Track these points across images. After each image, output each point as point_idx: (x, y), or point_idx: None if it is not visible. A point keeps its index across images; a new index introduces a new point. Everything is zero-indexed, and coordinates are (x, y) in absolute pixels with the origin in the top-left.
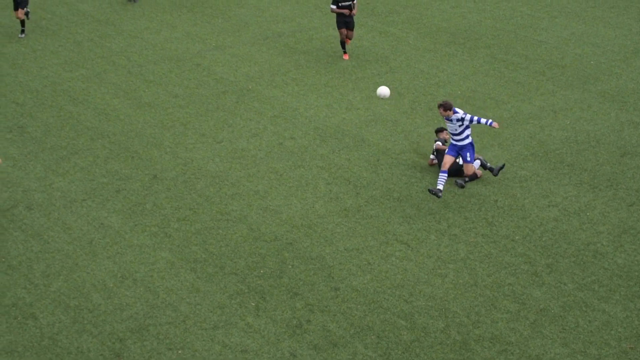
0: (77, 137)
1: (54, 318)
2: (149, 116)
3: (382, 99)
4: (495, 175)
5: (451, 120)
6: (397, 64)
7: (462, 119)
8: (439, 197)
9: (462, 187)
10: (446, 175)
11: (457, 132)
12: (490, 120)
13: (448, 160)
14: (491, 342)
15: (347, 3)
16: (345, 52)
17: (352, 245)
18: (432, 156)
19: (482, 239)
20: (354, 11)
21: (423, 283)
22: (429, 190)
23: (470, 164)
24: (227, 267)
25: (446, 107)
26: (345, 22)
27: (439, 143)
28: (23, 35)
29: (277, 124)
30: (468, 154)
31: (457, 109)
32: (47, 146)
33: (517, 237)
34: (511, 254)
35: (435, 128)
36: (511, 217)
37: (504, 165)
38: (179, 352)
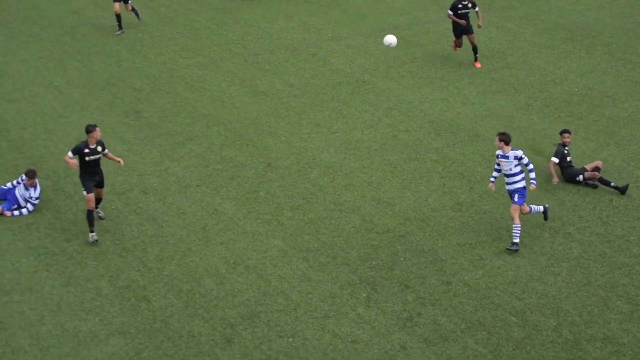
0: (193, 123)
1: (166, 301)
2: (265, 105)
3: (389, 45)
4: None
5: (507, 158)
6: (513, 59)
7: (521, 158)
8: (516, 250)
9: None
10: (519, 227)
11: (511, 172)
12: (534, 178)
13: (515, 210)
14: (603, 343)
15: (466, 11)
16: (476, 60)
17: (464, 240)
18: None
19: (596, 238)
20: (478, 22)
21: (535, 280)
22: (508, 249)
23: (515, 205)
24: (339, 258)
25: (506, 140)
26: (462, 30)
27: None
28: (120, 32)
29: (391, 116)
30: (516, 195)
31: (515, 149)
32: (163, 131)
33: (632, 238)
34: (626, 255)
35: (561, 129)
36: (627, 217)
37: (546, 210)
38: (289, 339)
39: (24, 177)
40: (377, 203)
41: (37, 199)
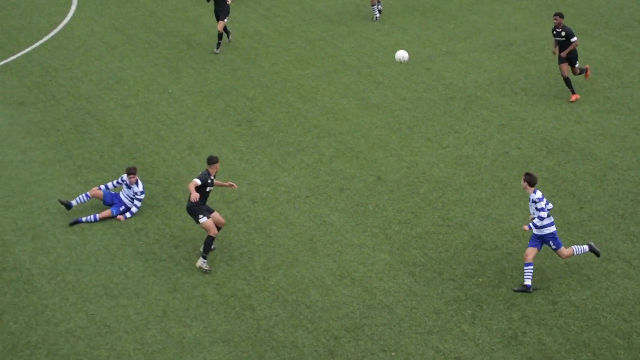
0: (304, 134)
1: (271, 311)
2: (376, 117)
3: (401, 60)
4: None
5: (530, 200)
6: (629, 78)
7: (536, 202)
8: (529, 292)
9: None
10: (532, 267)
11: (533, 216)
12: (535, 225)
13: (531, 252)
14: None
15: (561, 39)
16: (573, 92)
17: (572, 260)
18: None
19: None
20: (572, 46)
21: None
22: (515, 290)
23: (561, 249)
24: (445, 273)
25: (530, 181)
26: (564, 58)
27: None
28: (218, 51)
29: (503, 133)
30: (551, 242)
31: (537, 190)
32: (274, 141)
33: None
34: None
35: None
36: None
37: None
38: (392, 354)
39: (124, 176)
40: (485, 219)
41: (142, 193)
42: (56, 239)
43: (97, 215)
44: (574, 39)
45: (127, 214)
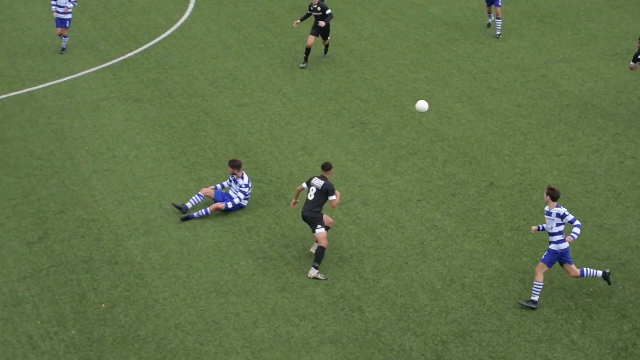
0: (418, 137)
1: (379, 313)
2: (490, 123)
3: (422, 111)
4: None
5: (550, 214)
6: None
7: (564, 216)
8: (533, 308)
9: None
10: (541, 285)
11: (552, 230)
12: (577, 233)
13: (541, 268)
14: None
15: None
16: None
17: None
18: None
19: None
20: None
21: None
22: (520, 303)
23: (572, 266)
24: (555, 281)
25: (553, 195)
26: None
27: None
28: (304, 65)
29: (619, 142)
30: (566, 257)
31: (560, 206)
32: (387, 144)
33: None
34: None
35: None
36: None
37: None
38: None
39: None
40: (598, 229)
41: (246, 186)
42: (168, 234)
43: (208, 209)
44: None
45: (229, 203)
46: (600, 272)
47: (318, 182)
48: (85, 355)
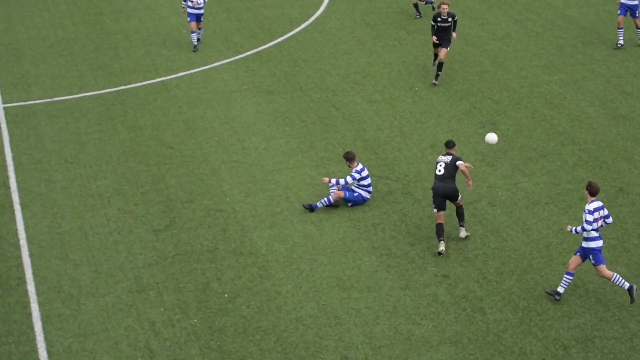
0: (548, 140)
1: (501, 315)
2: (623, 128)
3: (491, 143)
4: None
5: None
6: None
7: (586, 213)
8: (556, 299)
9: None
10: (571, 277)
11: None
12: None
13: (574, 261)
14: None
15: None
16: None
17: None
18: None
19: None
20: None
21: None
22: (547, 292)
23: (600, 266)
24: None
25: (591, 190)
26: None
27: None
28: (436, 82)
29: None
30: (592, 257)
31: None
32: (517, 145)
33: None
34: None
35: None
36: None
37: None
38: None
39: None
40: None
41: (358, 172)
42: (293, 227)
43: (331, 198)
44: None
45: (347, 192)
46: (627, 284)
47: (446, 158)
48: (206, 344)
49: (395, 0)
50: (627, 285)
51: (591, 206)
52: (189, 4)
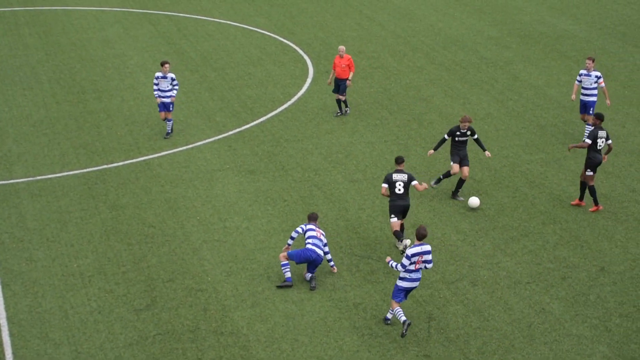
0: (529, 219)
1: None
2: (604, 207)
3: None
4: None
5: None
6: None
7: None
8: None
9: None
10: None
11: None
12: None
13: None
14: None
15: None
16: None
17: None
18: None
19: None
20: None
21: None
22: None
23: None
24: None
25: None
26: None
27: None
28: (461, 198)
29: None
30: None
31: None
32: (498, 225)
33: None
34: None
35: None
36: None
37: None
38: None
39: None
40: None
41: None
42: (275, 307)
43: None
44: None
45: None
46: None
47: (401, 176)
48: None
49: (377, 81)
50: (403, 318)
51: (411, 251)
52: (162, 94)
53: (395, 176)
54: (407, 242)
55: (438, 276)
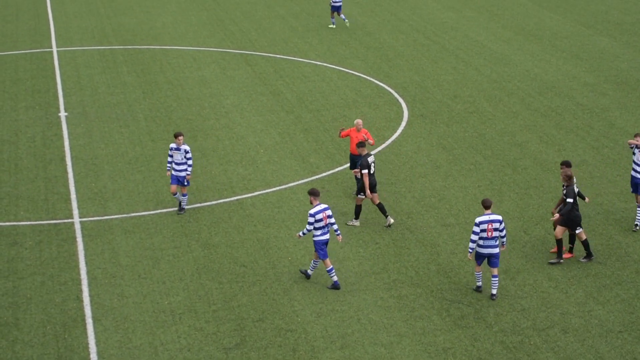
0: (623, 267)
1: None
2: None
3: None
4: None
5: None
6: None
7: None
8: None
9: None
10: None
11: None
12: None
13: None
14: None
15: None
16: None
17: None
18: None
19: None
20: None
21: None
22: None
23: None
24: None
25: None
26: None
27: None
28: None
29: None
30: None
31: None
32: (591, 272)
33: None
34: None
35: None
36: None
37: None
38: None
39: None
40: None
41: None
42: (364, 349)
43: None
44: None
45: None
46: None
47: (372, 158)
48: None
49: (472, 125)
50: (479, 284)
51: (480, 219)
52: (175, 167)
53: (370, 159)
54: (392, 221)
55: (529, 322)
